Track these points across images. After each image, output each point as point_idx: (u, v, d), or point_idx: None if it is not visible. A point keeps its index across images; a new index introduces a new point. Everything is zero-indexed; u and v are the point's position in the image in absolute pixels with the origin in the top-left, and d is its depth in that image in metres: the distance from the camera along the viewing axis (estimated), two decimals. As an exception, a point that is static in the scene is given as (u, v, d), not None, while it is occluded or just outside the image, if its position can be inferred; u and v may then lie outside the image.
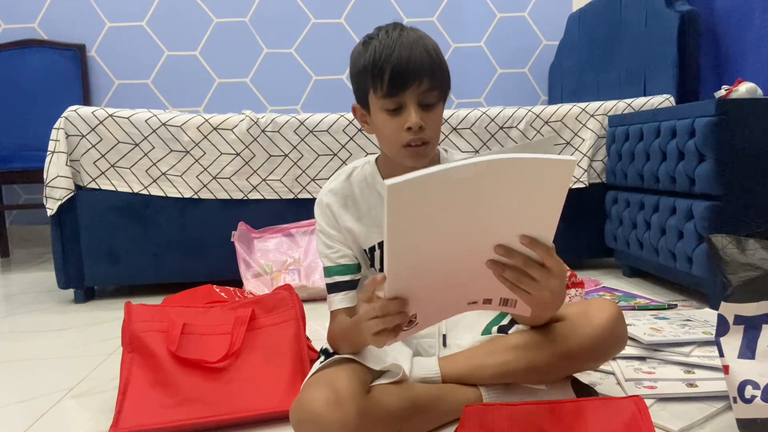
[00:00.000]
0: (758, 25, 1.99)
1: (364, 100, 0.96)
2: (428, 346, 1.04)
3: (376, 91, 0.91)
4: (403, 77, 0.88)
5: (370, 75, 0.91)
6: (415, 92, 0.89)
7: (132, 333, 1.07)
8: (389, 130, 0.92)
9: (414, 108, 0.90)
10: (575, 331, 0.93)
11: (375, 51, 0.90)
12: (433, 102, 0.92)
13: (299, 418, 0.82)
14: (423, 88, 0.90)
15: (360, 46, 0.96)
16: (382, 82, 0.89)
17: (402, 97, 0.90)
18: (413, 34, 0.92)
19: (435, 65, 0.91)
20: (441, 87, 0.93)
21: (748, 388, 0.81)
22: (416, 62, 0.88)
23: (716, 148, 1.47)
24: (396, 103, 0.90)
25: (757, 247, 0.86)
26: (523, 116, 2.11)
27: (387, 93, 0.90)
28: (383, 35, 0.92)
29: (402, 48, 0.89)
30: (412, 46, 0.89)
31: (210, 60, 3.24)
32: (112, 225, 1.98)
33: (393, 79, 0.89)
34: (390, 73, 0.88)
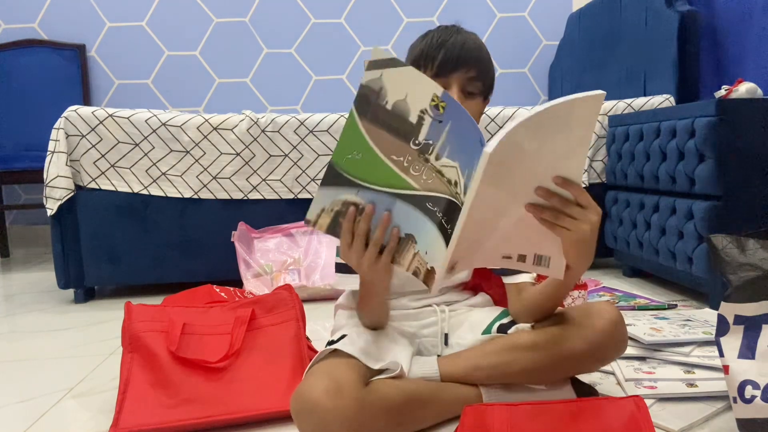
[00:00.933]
0: (758, 25, 1.99)
1: None
2: (430, 345, 1.04)
3: (427, 70, 0.99)
4: (453, 60, 0.97)
5: (423, 58, 0.99)
6: (461, 77, 0.98)
7: (132, 333, 1.07)
8: None
9: (457, 90, 0.98)
10: (575, 334, 0.93)
11: (433, 37, 1.00)
12: (476, 92, 1.00)
13: (299, 407, 0.82)
14: (469, 75, 0.98)
15: (418, 39, 1.04)
16: (433, 62, 0.98)
17: (448, 79, 0.98)
18: (470, 34, 1.03)
19: (484, 59, 1.01)
20: (485, 80, 1.01)
21: (748, 388, 0.81)
22: (467, 51, 0.98)
23: (716, 148, 1.47)
24: (442, 83, 0.96)
25: (757, 247, 0.86)
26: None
27: (436, 73, 0.98)
28: (442, 29, 1.02)
29: (457, 39, 0.99)
30: (466, 40, 1.00)
31: (210, 60, 3.25)
32: (112, 225, 1.98)
33: (443, 61, 0.97)
34: (442, 56, 0.97)
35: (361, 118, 0.75)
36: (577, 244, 0.80)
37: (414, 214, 0.78)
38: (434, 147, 0.75)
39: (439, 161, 0.75)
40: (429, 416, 0.93)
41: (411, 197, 0.77)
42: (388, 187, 0.77)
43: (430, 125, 0.74)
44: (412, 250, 0.79)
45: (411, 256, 0.80)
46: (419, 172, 0.76)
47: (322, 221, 0.80)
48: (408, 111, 0.74)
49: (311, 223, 0.80)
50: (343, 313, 1.11)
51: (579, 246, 0.81)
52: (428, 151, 0.75)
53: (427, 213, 0.77)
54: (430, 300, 1.09)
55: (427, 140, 0.75)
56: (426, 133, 0.75)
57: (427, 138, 0.75)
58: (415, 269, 0.80)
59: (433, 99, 0.74)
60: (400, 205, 0.78)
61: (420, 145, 0.75)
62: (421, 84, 0.74)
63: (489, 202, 0.72)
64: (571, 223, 0.78)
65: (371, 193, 0.77)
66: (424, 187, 0.76)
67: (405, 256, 0.80)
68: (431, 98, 0.73)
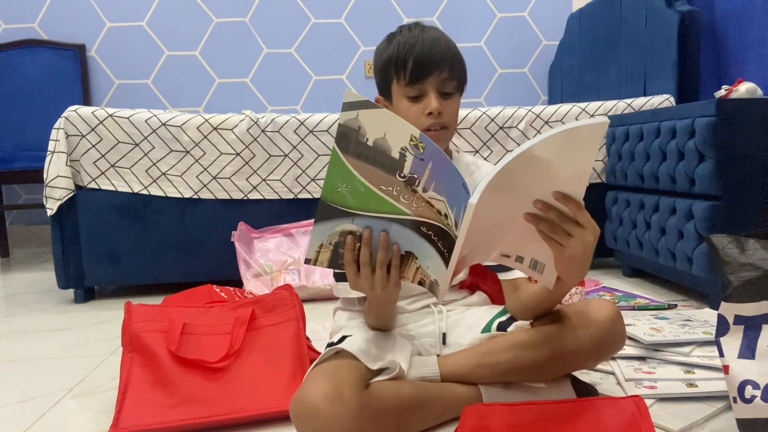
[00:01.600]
0: (758, 25, 1.99)
1: (387, 91, 1.04)
2: (429, 345, 1.04)
3: (399, 80, 1.00)
4: (425, 66, 0.97)
5: (394, 66, 1.00)
6: (435, 80, 0.98)
7: (132, 333, 1.07)
8: (411, 115, 1.00)
9: (434, 95, 0.99)
10: (574, 331, 0.94)
11: (399, 44, 1.00)
12: (452, 91, 1.01)
13: (299, 411, 0.82)
14: (443, 77, 0.99)
15: (384, 41, 1.05)
16: (405, 71, 0.98)
17: (423, 84, 0.99)
18: (434, 31, 1.02)
19: (454, 58, 1.00)
20: (459, 78, 1.01)
21: (748, 388, 0.81)
22: (437, 53, 0.98)
23: (716, 148, 1.47)
24: (418, 90, 0.99)
25: (757, 247, 0.86)
26: (523, 116, 2.11)
27: (410, 81, 0.99)
28: (406, 31, 1.02)
29: (424, 41, 0.98)
30: (433, 40, 0.99)
31: (210, 60, 3.25)
32: (112, 225, 1.98)
33: (415, 68, 0.98)
34: (413, 63, 0.98)
35: (345, 154, 0.76)
36: (568, 259, 0.80)
37: (410, 235, 0.79)
38: (420, 180, 0.77)
39: (427, 193, 0.77)
40: (429, 418, 0.93)
41: (405, 221, 0.79)
42: (381, 213, 0.79)
43: (413, 161, 0.76)
44: (414, 265, 0.82)
45: (414, 269, 0.82)
46: (409, 200, 0.78)
47: (322, 257, 0.82)
48: (389, 147, 0.76)
49: (312, 261, 0.82)
50: (342, 314, 1.11)
51: (570, 262, 0.81)
52: (414, 183, 0.77)
53: (422, 236, 0.79)
54: (427, 301, 1.09)
55: (412, 174, 0.76)
56: (410, 167, 0.76)
57: (411, 172, 0.76)
58: (420, 280, 0.82)
59: (411, 139, 0.75)
60: (396, 227, 0.79)
61: (406, 178, 0.77)
62: (398, 125, 0.75)
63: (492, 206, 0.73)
64: (565, 239, 0.78)
65: (367, 220, 0.79)
66: (416, 213, 0.78)
67: (408, 270, 0.83)
68: (409, 138, 0.75)
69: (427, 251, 0.79)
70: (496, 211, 0.76)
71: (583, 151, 0.74)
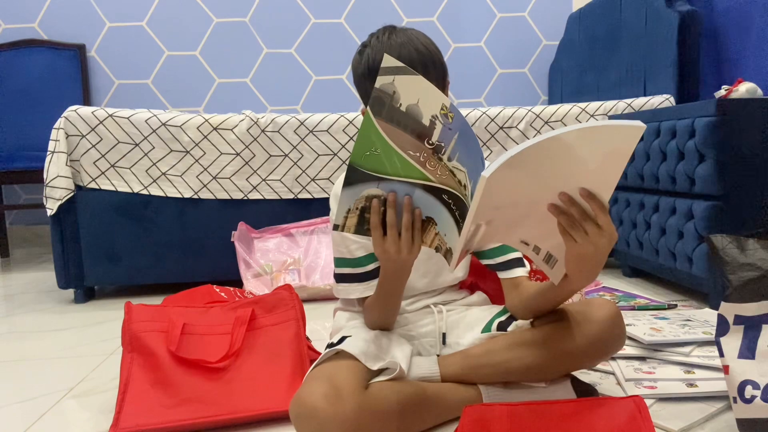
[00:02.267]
0: (758, 25, 1.99)
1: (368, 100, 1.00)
2: (429, 345, 1.04)
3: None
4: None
5: (368, 80, 0.97)
6: None
7: (132, 333, 1.07)
8: None
9: None
10: (574, 330, 0.94)
11: (368, 58, 0.98)
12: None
13: (298, 412, 0.82)
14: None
15: (357, 55, 1.03)
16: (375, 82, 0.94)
17: None
18: (403, 36, 0.99)
19: (425, 59, 0.97)
20: (432, 75, 0.98)
21: (748, 388, 0.81)
22: (406, 59, 0.94)
23: (716, 148, 1.47)
24: None
25: (757, 247, 0.86)
26: (523, 116, 2.11)
27: None
28: (374, 41, 1.00)
29: (391, 51, 0.95)
30: (401, 48, 0.96)
31: (210, 60, 3.25)
32: (112, 225, 1.98)
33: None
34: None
35: (377, 118, 0.77)
36: (579, 258, 0.81)
37: (432, 201, 0.81)
38: (446, 149, 0.78)
39: (451, 162, 0.79)
40: (429, 418, 0.93)
41: (429, 188, 0.81)
42: (407, 177, 0.80)
43: (441, 130, 0.78)
44: (433, 230, 0.84)
45: (432, 235, 0.84)
46: (435, 167, 0.80)
47: (349, 222, 0.83)
48: (421, 114, 0.77)
49: (340, 227, 0.83)
50: (342, 314, 1.11)
51: (580, 261, 0.81)
52: (441, 151, 0.79)
53: (443, 203, 0.81)
54: (427, 301, 1.09)
55: (440, 142, 0.78)
56: (438, 135, 0.78)
57: (439, 140, 0.78)
58: (437, 246, 0.84)
59: (442, 108, 0.77)
60: (419, 193, 0.81)
61: (434, 146, 0.78)
62: (431, 92, 0.77)
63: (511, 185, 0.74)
64: (581, 236, 0.78)
65: (392, 184, 0.81)
66: (440, 181, 0.80)
67: (427, 235, 0.84)
68: (440, 107, 0.77)
69: (446, 219, 0.81)
70: (516, 193, 0.76)
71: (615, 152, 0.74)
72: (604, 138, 0.72)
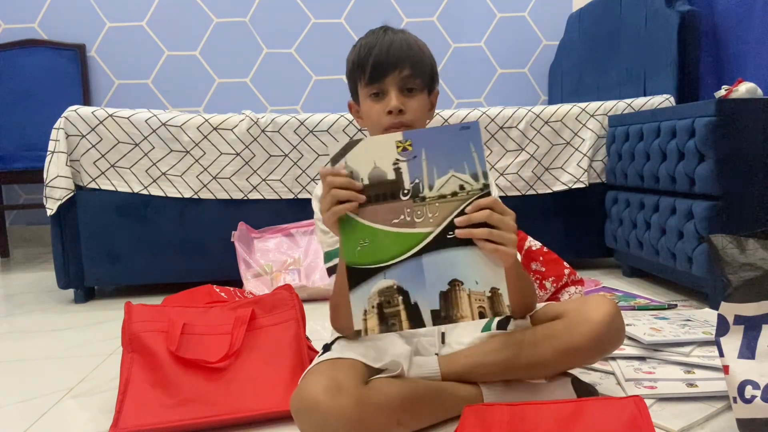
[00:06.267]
0: (758, 25, 1.99)
1: (355, 93, 1.06)
2: (428, 344, 1.04)
3: (361, 80, 1.01)
4: (382, 65, 0.98)
5: (356, 68, 1.01)
6: (395, 78, 0.98)
7: (132, 333, 1.07)
8: (373, 114, 1.01)
9: (395, 93, 0.98)
10: (574, 328, 0.94)
11: (361, 47, 1.02)
12: (415, 88, 1.00)
13: (299, 406, 0.82)
14: (404, 74, 0.98)
15: (351, 49, 1.06)
16: (364, 72, 0.99)
17: (383, 83, 0.99)
18: (399, 34, 1.02)
19: (415, 56, 1.00)
20: (422, 75, 1.01)
21: (748, 388, 0.81)
22: (395, 52, 0.98)
23: (716, 148, 1.47)
24: (378, 88, 0.99)
25: (757, 247, 0.86)
26: (523, 116, 2.11)
27: (369, 80, 0.99)
28: (369, 35, 1.03)
29: (383, 43, 0.99)
30: (393, 41, 0.99)
31: (210, 60, 3.25)
32: (112, 225, 1.98)
33: (375, 67, 0.98)
34: (372, 62, 0.98)
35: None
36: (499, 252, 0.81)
37: (443, 256, 0.79)
38: (422, 182, 0.79)
39: (434, 189, 0.79)
40: (429, 415, 0.93)
41: (431, 245, 0.79)
42: (406, 252, 0.79)
43: (409, 167, 0.79)
44: (464, 295, 0.80)
45: (467, 301, 0.80)
46: (423, 215, 0.79)
47: (370, 324, 0.80)
48: (383, 172, 0.79)
49: (363, 332, 0.80)
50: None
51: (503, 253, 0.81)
52: (419, 190, 0.79)
53: (452, 244, 0.79)
54: None
55: (413, 181, 0.79)
56: (409, 177, 0.79)
57: (412, 180, 0.79)
58: (479, 311, 0.80)
59: (397, 146, 0.79)
60: (427, 260, 0.79)
61: (410, 192, 0.79)
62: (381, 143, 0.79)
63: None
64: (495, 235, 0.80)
65: (397, 268, 0.80)
66: (436, 223, 0.79)
67: (462, 307, 0.80)
68: (395, 146, 0.79)
69: (465, 261, 0.79)
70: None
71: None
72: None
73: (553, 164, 2.12)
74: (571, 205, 2.13)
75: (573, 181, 2.10)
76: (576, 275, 1.53)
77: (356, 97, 1.07)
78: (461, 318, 0.80)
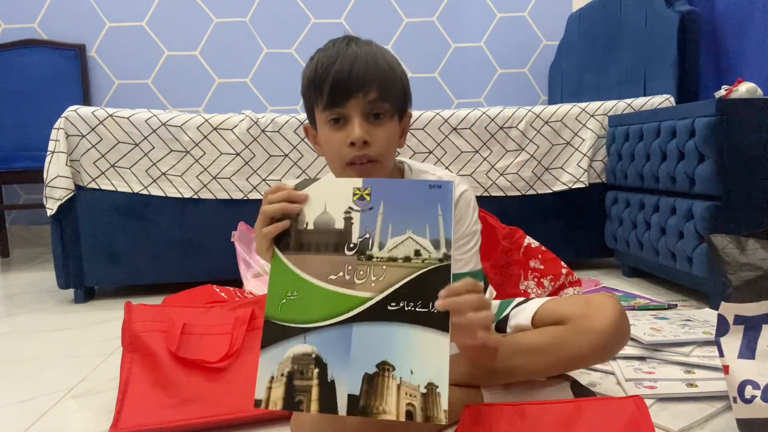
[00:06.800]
0: (758, 25, 1.99)
1: (312, 117, 0.91)
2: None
3: (318, 103, 0.85)
4: (344, 87, 0.82)
5: (313, 87, 0.85)
6: (359, 103, 0.83)
7: (132, 333, 1.07)
8: (333, 145, 0.85)
9: (358, 121, 0.83)
10: (578, 337, 0.91)
11: (318, 63, 0.86)
12: (383, 114, 0.85)
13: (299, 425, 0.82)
14: (369, 98, 0.83)
15: (308, 61, 0.91)
16: (322, 93, 0.84)
17: (345, 108, 0.83)
18: (364, 47, 0.86)
19: (384, 74, 0.84)
20: (392, 98, 0.85)
21: (748, 388, 0.81)
22: (360, 71, 0.82)
23: (716, 148, 1.47)
24: (338, 113, 0.84)
25: (757, 247, 0.86)
26: (523, 116, 2.11)
27: (327, 104, 0.83)
28: (329, 47, 0.88)
29: (345, 58, 0.83)
30: (357, 56, 0.83)
31: (210, 60, 3.24)
32: (112, 225, 1.98)
33: (333, 89, 0.82)
34: (331, 83, 0.83)
35: (285, 253, 0.70)
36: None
37: (378, 331, 0.67)
38: (373, 238, 0.69)
39: (384, 249, 0.69)
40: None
41: (366, 313, 0.68)
42: (336, 316, 0.68)
43: (361, 219, 0.70)
44: (393, 384, 0.66)
45: (394, 393, 0.66)
46: (365, 276, 0.69)
47: (274, 395, 0.68)
48: (332, 220, 0.70)
49: (263, 403, 0.68)
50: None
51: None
52: (368, 247, 0.69)
53: (392, 318, 0.67)
54: None
55: (363, 236, 0.69)
56: (359, 230, 0.70)
57: (361, 235, 0.69)
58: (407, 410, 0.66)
59: (355, 193, 0.70)
60: (358, 331, 0.68)
61: (356, 247, 0.69)
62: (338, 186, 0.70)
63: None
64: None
65: (321, 333, 0.68)
66: (378, 288, 0.68)
67: (387, 400, 0.66)
68: (353, 193, 0.70)
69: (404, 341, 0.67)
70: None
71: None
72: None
73: (553, 164, 2.12)
74: (571, 205, 2.13)
75: (573, 181, 2.10)
76: (573, 276, 1.53)
77: (311, 118, 0.91)
78: (382, 413, 0.65)
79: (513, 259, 1.48)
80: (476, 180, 2.09)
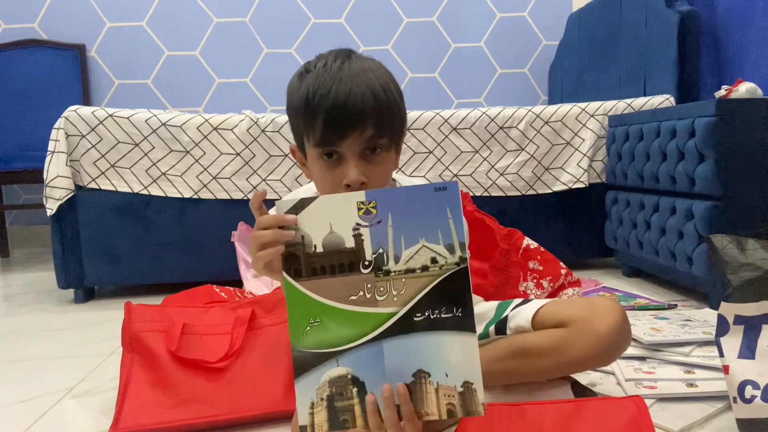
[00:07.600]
0: (759, 25, 1.99)
1: (301, 143, 0.85)
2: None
3: (309, 137, 0.79)
4: (339, 124, 0.76)
5: (303, 118, 0.79)
6: (355, 141, 0.77)
7: (132, 333, 1.07)
8: (327, 184, 0.81)
9: (354, 161, 0.77)
10: (580, 340, 0.90)
11: (309, 88, 0.78)
12: (380, 149, 0.80)
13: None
14: (366, 135, 0.77)
15: (296, 78, 0.83)
16: (314, 129, 0.77)
17: (339, 147, 0.78)
18: (357, 66, 0.79)
19: (381, 106, 0.77)
20: (390, 131, 0.79)
21: (748, 388, 0.81)
22: (356, 105, 0.75)
23: (716, 148, 1.47)
24: (331, 150, 0.79)
25: (757, 247, 0.86)
26: (523, 116, 2.11)
27: (320, 141, 0.78)
28: (321, 67, 0.80)
29: (340, 85, 0.76)
30: (353, 83, 0.76)
31: (210, 60, 3.25)
32: (112, 225, 1.98)
33: (327, 126, 0.76)
34: (324, 118, 0.76)
35: (299, 281, 0.68)
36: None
37: (408, 343, 0.68)
38: (387, 252, 0.67)
39: (401, 261, 0.68)
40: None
41: (394, 328, 0.68)
42: (364, 335, 0.68)
43: (371, 233, 0.68)
44: (431, 389, 0.68)
45: (434, 397, 0.68)
46: (386, 292, 0.68)
47: (318, 419, 0.68)
48: (341, 240, 0.68)
49: (309, 428, 0.68)
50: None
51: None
52: (383, 262, 0.68)
53: (419, 328, 0.67)
54: None
55: (376, 251, 0.67)
56: (371, 246, 0.68)
57: (374, 250, 0.67)
58: (447, 409, 0.67)
59: (359, 207, 0.68)
60: (388, 346, 0.68)
61: (371, 264, 0.68)
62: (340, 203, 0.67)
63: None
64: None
65: (353, 354, 0.68)
66: (401, 302, 0.68)
67: (428, 403, 0.68)
68: (357, 208, 0.68)
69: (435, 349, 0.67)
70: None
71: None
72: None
73: (553, 164, 2.12)
74: (571, 205, 2.13)
75: (573, 181, 2.10)
76: (573, 276, 1.53)
77: (300, 143, 0.85)
78: (426, 416, 0.67)
79: (512, 260, 1.48)
80: (476, 180, 2.09)
